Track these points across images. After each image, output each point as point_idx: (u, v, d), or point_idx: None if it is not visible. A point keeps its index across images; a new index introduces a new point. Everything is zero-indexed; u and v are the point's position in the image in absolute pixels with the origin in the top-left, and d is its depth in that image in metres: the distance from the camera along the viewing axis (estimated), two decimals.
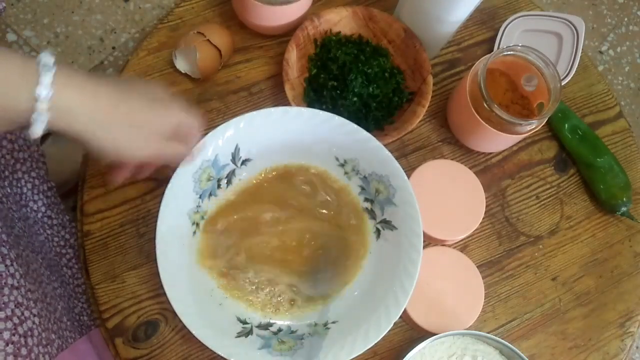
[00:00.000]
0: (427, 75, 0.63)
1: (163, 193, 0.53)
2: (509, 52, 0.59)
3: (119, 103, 0.43)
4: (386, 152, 0.55)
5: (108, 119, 0.42)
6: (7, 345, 0.46)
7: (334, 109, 0.63)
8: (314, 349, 0.53)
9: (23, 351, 0.47)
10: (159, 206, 0.53)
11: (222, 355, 0.51)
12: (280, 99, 0.65)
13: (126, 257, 0.59)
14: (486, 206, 0.61)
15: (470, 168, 0.62)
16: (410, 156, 0.66)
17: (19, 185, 0.60)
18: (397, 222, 0.56)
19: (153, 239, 0.52)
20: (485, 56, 0.59)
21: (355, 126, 0.55)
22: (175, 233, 0.54)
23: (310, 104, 0.64)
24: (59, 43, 1.28)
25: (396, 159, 0.55)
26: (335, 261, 0.58)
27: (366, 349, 0.51)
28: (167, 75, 0.65)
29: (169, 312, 0.57)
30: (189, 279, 0.54)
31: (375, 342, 0.51)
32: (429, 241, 0.61)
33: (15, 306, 0.48)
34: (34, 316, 0.50)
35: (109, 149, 0.43)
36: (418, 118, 0.62)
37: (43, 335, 0.50)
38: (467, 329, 0.57)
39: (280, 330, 0.56)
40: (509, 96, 0.62)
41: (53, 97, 0.38)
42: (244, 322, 0.55)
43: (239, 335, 0.53)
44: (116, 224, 0.60)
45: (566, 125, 0.67)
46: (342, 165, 0.59)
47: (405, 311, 0.57)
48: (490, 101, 0.57)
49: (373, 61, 0.64)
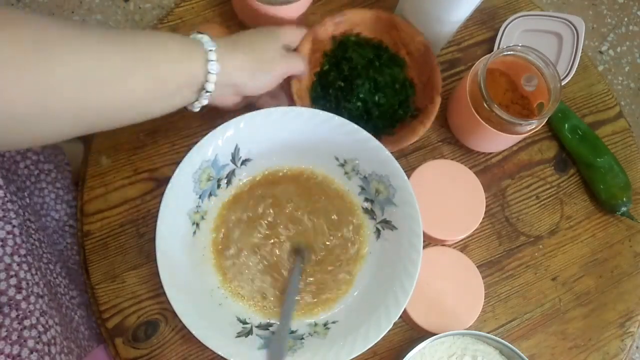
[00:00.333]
0: (436, 95, 0.61)
1: (163, 193, 0.53)
2: (509, 52, 0.59)
3: (253, 55, 0.53)
4: (386, 152, 0.55)
5: (251, 70, 0.52)
6: (32, 353, 0.46)
7: (337, 109, 0.62)
8: (314, 349, 0.53)
9: (46, 359, 0.47)
10: (159, 206, 0.53)
11: (222, 355, 0.51)
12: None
13: (126, 257, 0.59)
14: (486, 206, 0.61)
15: (470, 168, 0.62)
16: (410, 156, 0.66)
17: (42, 195, 0.60)
18: (397, 222, 0.56)
19: (153, 239, 0.52)
20: (485, 56, 0.59)
21: (355, 126, 0.55)
22: (175, 233, 0.54)
23: (314, 100, 0.63)
24: None
25: (396, 159, 0.55)
26: (335, 261, 0.58)
27: (366, 349, 0.51)
28: None
29: (169, 312, 0.57)
30: (189, 279, 0.54)
31: (375, 342, 0.51)
32: (429, 241, 0.61)
33: (40, 314, 0.48)
34: (56, 325, 0.50)
35: (260, 89, 0.54)
36: (416, 136, 0.61)
37: (64, 344, 0.51)
38: (467, 329, 0.57)
39: None
40: (509, 96, 0.62)
41: (219, 70, 0.49)
42: (244, 322, 0.55)
43: (239, 335, 0.53)
44: (116, 224, 0.60)
45: (566, 125, 0.67)
46: (342, 165, 0.59)
47: (405, 311, 0.57)
48: (490, 101, 0.57)
49: (386, 69, 0.63)
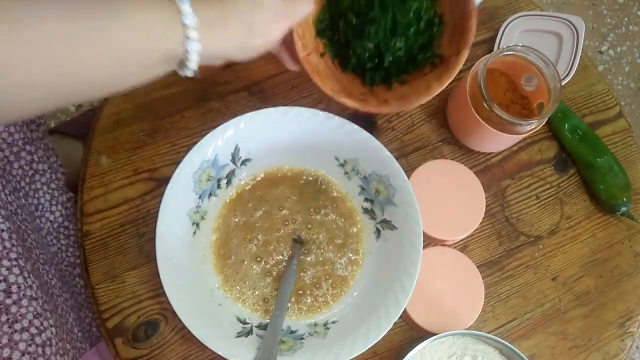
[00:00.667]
0: (464, 48, 0.51)
1: (163, 193, 0.53)
2: (509, 52, 0.59)
3: (244, 27, 0.44)
4: (386, 152, 0.55)
5: (241, 43, 0.45)
6: (24, 355, 0.46)
7: (344, 47, 0.55)
8: (314, 349, 0.53)
9: None
10: (159, 206, 0.53)
11: (222, 355, 0.51)
12: (280, 100, 0.65)
13: (126, 257, 0.59)
14: (486, 206, 0.61)
15: (470, 168, 0.62)
16: (410, 156, 0.66)
17: (37, 196, 0.60)
18: (397, 222, 0.56)
19: (153, 239, 0.52)
20: (485, 56, 0.59)
21: (355, 126, 0.55)
22: (175, 233, 0.54)
23: (320, 32, 0.55)
24: None
25: (396, 159, 0.55)
26: (334, 261, 0.58)
27: (366, 349, 0.51)
28: (167, 75, 0.65)
29: (169, 312, 0.57)
30: (189, 279, 0.54)
31: (375, 342, 0.51)
32: (429, 241, 0.61)
33: (34, 317, 0.48)
34: (51, 326, 0.50)
35: (254, 56, 0.47)
36: (429, 95, 0.52)
37: (60, 345, 0.51)
38: (467, 329, 0.57)
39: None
40: (509, 96, 0.62)
41: (199, 23, 0.41)
42: (244, 322, 0.55)
43: (239, 335, 0.53)
44: (116, 224, 0.60)
45: (566, 125, 0.67)
46: (342, 165, 0.59)
47: (405, 311, 0.57)
48: (490, 101, 0.57)
49: (412, 2, 0.52)
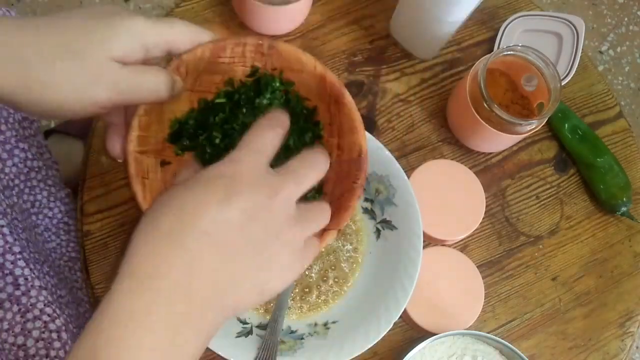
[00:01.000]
0: (334, 227, 0.40)
1: None
2: (509, 52, 0.59)
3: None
4: (386, 152, 0.55)
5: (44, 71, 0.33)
6: (37, 342, 0.47)
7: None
8: (314, 349, 0.53)
9: (56, 344, 0.48)
10: None
11: (222, 355, 0.51)
12: None
13: None
14: (486, 206, 0.61)
15: (470, 168, 0.62)
16: (410, 156, 0.66)
17: (33, 193, 0.60)
18: (397, 222, 0.56)
19: None
20: (485, 56, 0.59)
21: None
22: None
23: (173, 133, 0.44)
24: None
25: (396, 159, 0.55)
26: (334, 261, 0.58)
27: (366, 349, 0.51)
28: None
29: None
30: None
31: (375, 342, 0.51)
32: (429, 241, 0.61)
33: (44, 305, 0.49)
34: (62, 315, 0.51)
35: (57, 114, 0.35)
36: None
37: (71, 332, 0.51)
38: (467, 329, 0.57)
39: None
40: (509, 96, 0.62)
41: None
42: (244, 322, 0.55)
43: (239, 335, 0.53)
44: (116, 224, 0.60)
45: (566, 125, 0.67)
46: None
47: (405, 311, 0.57)
48: (490, 101, 0.57)
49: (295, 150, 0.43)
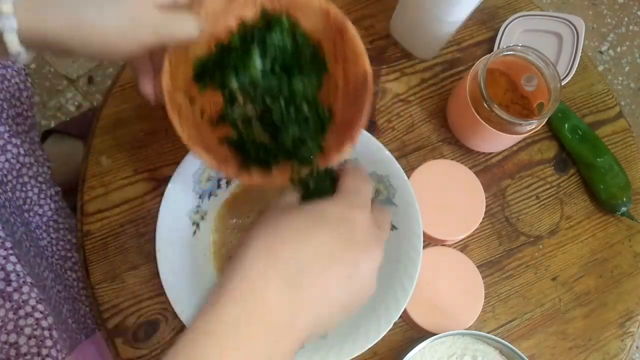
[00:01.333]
0: (347, 144, 0.45)
1: (163, 193, 0.53)
2: (509, 52, 0.59)
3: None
4: (386, 152, 0.55)
5: (79, 31, 0.35)
6: (29, 339, 0.47)
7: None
8: (314, 349, 0.53)
9: (48, 342, 0.48)
10: (159, 206, 0.53)
11: None
12: None
13: (126, 257, 0.59)
14: (486, 206, 0.61)
15: (470, 168, 0.62)
16: (410, 156, 0.66)
17: (24, 189, 0.60)
18: (397, 222, 0.56)
19: (153, 239, 0.52)
20: (485, 56, 0.59)
21: None
22: (175, 233, 0.54)
23: (199, 74, 0.47)
24: None
25: (396, 159, 0.55)
26: None
27: (366, 349, 0.51)
28: None
29: (169, 312, 0.57)
30: (189, 279, 0.54)
31: (375, 342, 0.51)
32: (429, 241, 0.61)
33: (37, 302, 0.49)
34: (49, 315, 0.51)
35: (106, 56, 0.37)
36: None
37: (58, 332, 0.51)
38: (467, 329, 0.57)
39: None
40: (509, 96, 0.62)
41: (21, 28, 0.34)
42: None
43: None
44: (116, 224, 0.60)
45: (566, 125, 0.67)
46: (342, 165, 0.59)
47: (405, 311, 0.57)
48: (490, 101, 0.57)
49: (302, 81, 0.46)
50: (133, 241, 0.59)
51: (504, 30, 0.70)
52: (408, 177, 0.55)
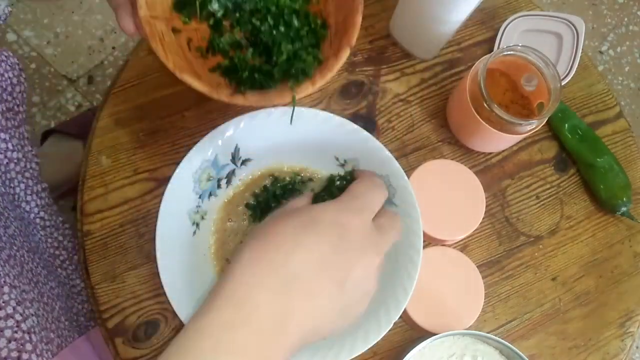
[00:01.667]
0: (346, 45, 0.44)
1: (163, 193, 0.53)
2: (509, 52, 0.59)
3: None
4: (386, 152, 0.55)
5: None
6: (10, 342, 0.46)
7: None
8: (314, 349, 0.53)
9: (28, 347, 0.47)
10: (159, 206, 0.53)
11: None
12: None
13: (126, 257, 0.59)
14: (486, 206, 0.61)
15: (470, 168, 0.62)
16: (410, 156, 0.66)
17: (12, 185, 0.60)
18: None
19: (153, 239, 0.52)
20: (485, 56, 0.59)
21: (355, 126, 0.55)
22: (175, 233, 0.54)
23: (178, 2, 0.46)
24: (59, 43, 1.28)
25: (396, 159, 0.55)
26: None
27: (366, 349, 0.51)
28: (167, 75, 0.64)
29: (169, 312, 0.57)
30: (189, 279, 0.54)
31: (375, 342, 0.51)
32: (429, 241, 0.61)
33: (16, 304, 0.48)
34: (33, 315, 0.50)
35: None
36: (290, 97, 0.44)
37: (43, 333, 0.51)
38: (467, 329, 0.57)
39: None
40: (509, 96, 0.62)
41: None
42: None
43: None
44: (116, 224, 0.60)
45: (566, 125, 0.67)
46: (342, 165, 0.59)
47: (405, 311, 0.57)
48: (490, 101, 0.57)
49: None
50: (133, 241, 0.59)
51: (504, 30, 0.70)
52: (408, 177, 0.55)
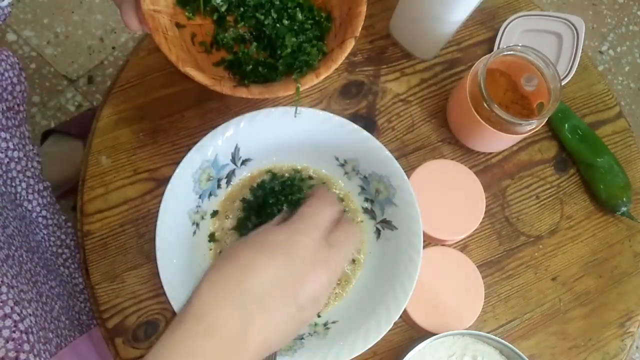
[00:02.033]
0: (351, 36, 0.44)
1: (163, 193, 0.53)
2: (509, 52, 0.59)
3: None
4: (386, 152, 0.55)
5: None
6: (7, 342, 0.46)
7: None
8: (314, 349, 0.53)
9: (25, 347, 0.47)
10: (159, 206, 0.53)
11: None
12: (279, 99, 0.65)
13: (126, 257, 0.59)
14: (486, 206, 0.61)
15: (470, 168, 0.62)
16: (410, 156, 0.66)
17: (13, 184, 0.60)
18: (397, 222, 0.56)
19: (153, 239, 0.52)
20: (485, 56, 0.59)
21: (355, 126, 0.55)
22: (175, 233, 0.54)
23: None
24: (59, 43, 1.28)
25: (396, 159, 0.55)
26: None
27: (366, 349, 0.51)
28: (167, 75, 0.65)
29: (169, 312, 0.57)
30: (189, 279, 0.54)
31: (375, 342, 0.51)
32: (429, 241, 0.61)
33: (14, 304, 0.48)
34: (30, 315, 0.50)
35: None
36: (293, 88, 0.46)
37: (40, 334, 0.51)
38: (467, 329, 0.57)
39: None
40: (509, 96, 0.62)
41: None
42: None
43: None
44: (116, 224, 0.60)
45: (566, 125, 0.67)
46: (342, 165, 0.59)
47: (405, 311, 0.57)
48: (490, 101, 0.57)
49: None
50: (133, 241, 0.59)
51: (504, 30, 0.70)
52: (408, 177, 0.55)
